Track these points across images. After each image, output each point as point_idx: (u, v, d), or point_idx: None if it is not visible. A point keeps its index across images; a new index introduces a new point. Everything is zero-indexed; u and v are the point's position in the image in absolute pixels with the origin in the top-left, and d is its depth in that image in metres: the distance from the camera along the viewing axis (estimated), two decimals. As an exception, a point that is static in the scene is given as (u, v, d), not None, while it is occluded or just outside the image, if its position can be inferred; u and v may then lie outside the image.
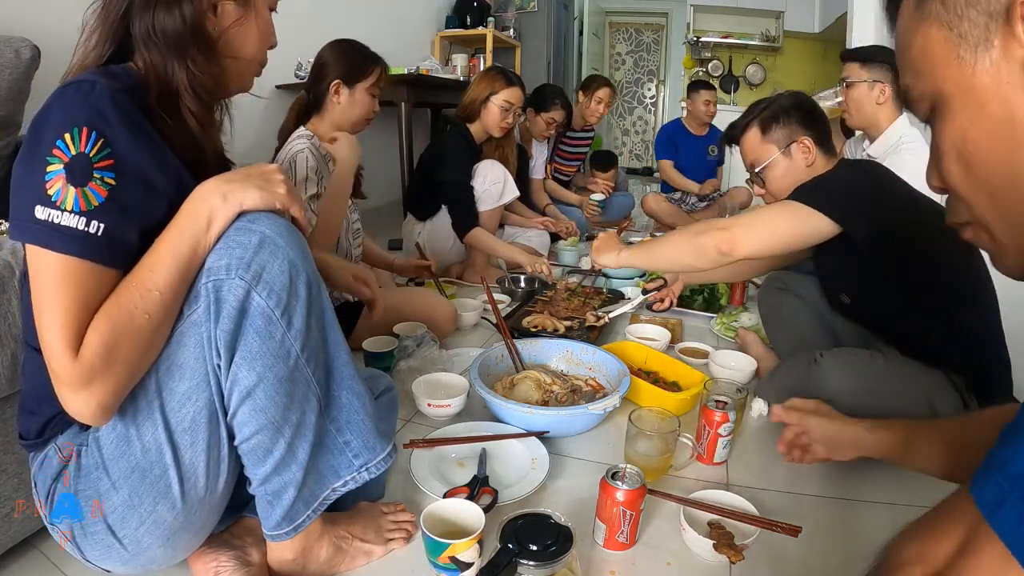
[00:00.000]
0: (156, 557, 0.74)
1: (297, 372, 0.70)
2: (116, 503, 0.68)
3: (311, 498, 0.79)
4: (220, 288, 0.62)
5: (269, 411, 0.68)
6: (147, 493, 0.67)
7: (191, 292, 0.64)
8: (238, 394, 0.67)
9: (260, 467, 0.72)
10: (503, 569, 0.72)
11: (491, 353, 1.42)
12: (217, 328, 0.63)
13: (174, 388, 0.65)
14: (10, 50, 1.10)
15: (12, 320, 0.82)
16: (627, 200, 3.71)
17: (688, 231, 1.25)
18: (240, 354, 0.65)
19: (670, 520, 1.00)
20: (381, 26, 3.21)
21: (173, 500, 0.69)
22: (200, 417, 0.67)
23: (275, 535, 0.78)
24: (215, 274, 0.63)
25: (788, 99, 1.27)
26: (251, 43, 0.77)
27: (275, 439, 0.70)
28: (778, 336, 1.51)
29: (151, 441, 0.66)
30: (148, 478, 0.67)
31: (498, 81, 2.21)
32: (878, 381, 1.10)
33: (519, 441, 1.18)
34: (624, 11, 7.19)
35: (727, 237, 1.14)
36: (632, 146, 7.63)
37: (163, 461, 0.67)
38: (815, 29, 5.06)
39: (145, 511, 0.68)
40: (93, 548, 0.71)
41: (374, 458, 0.82)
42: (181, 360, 0.65)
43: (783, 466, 1.19)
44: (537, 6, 4.45)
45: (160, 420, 0.65)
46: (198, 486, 0.70)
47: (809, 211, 1.10)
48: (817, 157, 1.24)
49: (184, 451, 0.67)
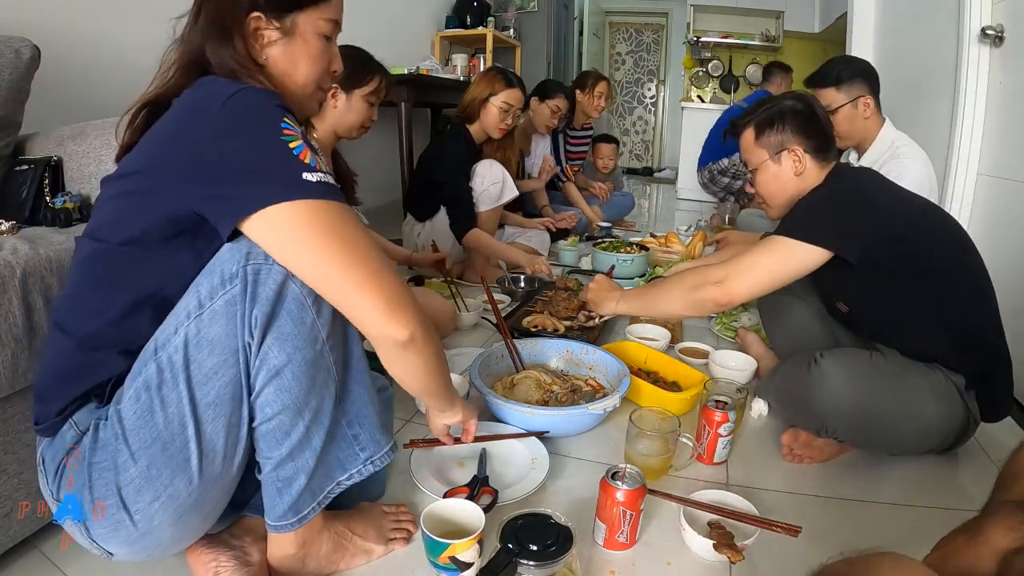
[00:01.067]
0: (163, 538, 0.73)
1: (321, 359, 0.72)
2: (133, 475, 0.68)
3: (317, 490, 0.80)
4: (259, 272, 0.65)
5: (293, 391, 0.70)
6: (166, 466, 0.68)
7: (228, 272, 0.65)
8: (266, 372, 0.68)
9: (276, 449, 0.73)
10: (503, 569, 0.72)
11: (491, 353, 1.42)
12: (254, 308, 0.65)
13: (202, 362, 0.66)
14: (10, 50, 1.10)
15: (13, 320, 0.82)
16: (627, 200, 3.71)
17: (683, 284, 1.25)
18: (272, 335, 0.67)
19: (670, 520, 1.00)
20: (381, 26, 3.21)
21: (190, 475, 0.69)
22: (225, 393, 0.68)
23: (279, 525, 0.79)
24: (255, 259, 0.65)
25: (789, 103, 1.26)
26: (301, 69, 0.79)
27: (295, 421, 0.72)
28: (778, 336, 1.51)
29: (174, 413, 0.66)
30: (168, 450, 0.67)
31: (498, 82, 2.21)
32: (878, 381, 1.10)
33: (519, 441, 1.18)
34: (624, 11, 7.19)
35: (724, 291, 1.17)
36: (632, 146, 7.62)
37: (185, 434, 0.67)
38: (815, 29, 5.06)
39: (161, 484, 0.68)
40: (101, 525, 0.70)
41: (378, 452, 0.84)
42: (212, 335, 0.66)
43: (783, 466, 1.19)
44: (537, 6, 4.45)
45: (185, 392, 0.66)
46: (215, 463, 0.71)
47: (798, 245, 1.10)
48: (808, 167, 1.23)
49: (206, 425, 0.68)
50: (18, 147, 1.19)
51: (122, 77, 1.82)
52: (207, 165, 0.62)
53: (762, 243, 1.17)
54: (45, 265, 0.87)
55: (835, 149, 1.29)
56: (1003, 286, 1.18)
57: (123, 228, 0.67)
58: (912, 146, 1.67)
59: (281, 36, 0.76)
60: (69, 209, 1.05)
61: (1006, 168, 1.84)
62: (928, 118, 2.21)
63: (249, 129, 0.63)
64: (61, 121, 1.21)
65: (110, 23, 1.79)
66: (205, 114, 0.64)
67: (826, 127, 1.26)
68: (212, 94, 0.64)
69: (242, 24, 0.73)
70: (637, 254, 2.38)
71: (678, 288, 1.27)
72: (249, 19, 0.74)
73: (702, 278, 1.21)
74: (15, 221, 1.05)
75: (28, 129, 1.20)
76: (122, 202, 0.69)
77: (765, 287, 1.17)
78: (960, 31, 1.98)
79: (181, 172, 0.64)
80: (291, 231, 0.63)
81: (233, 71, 0.72)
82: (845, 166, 1.33)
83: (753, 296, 1.20)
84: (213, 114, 0.63)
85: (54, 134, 1.16)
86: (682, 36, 6.42)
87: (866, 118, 1.68)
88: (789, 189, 1.25)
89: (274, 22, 0.75)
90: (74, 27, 1.68)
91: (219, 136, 0.62)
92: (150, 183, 0.66)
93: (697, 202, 5.07)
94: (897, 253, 1.10)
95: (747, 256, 1.17)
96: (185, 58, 0.74)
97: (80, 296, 0.70)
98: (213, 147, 0.62)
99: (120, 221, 0.68)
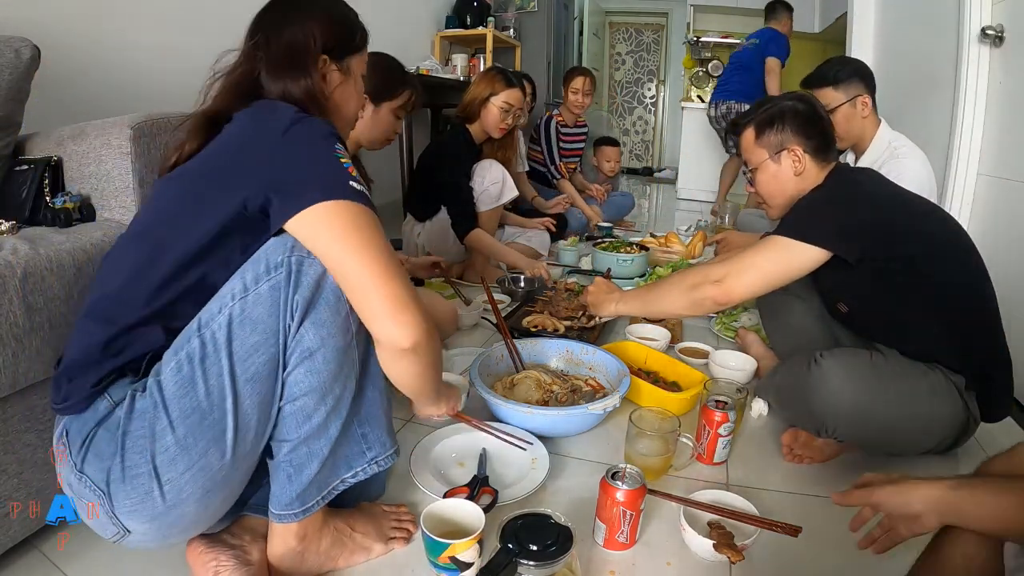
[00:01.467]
0: (184, 516, 0.74)
1: (349, 351, 0.78)
2: (169, 442, 0.70)
3: (323, 484, 0.82)
4: (302, 264, 0.71)
5: (322, 375, 0.75)
6: (202, 435, 0.70)
7: (273, 261, 0.71)
8: (300, 353, 0.73)
9: (295, 431, 0.76)
10: (503, 569, 0.72)
11: (491, 353, 1.42)
12: (296, 294, 0.71)
13: (245, 339, 0.71)
14: (10, 50, 1.10)
15: (13, 320, 0.82)
16: (627, 200, 3.71)
17: (683, 283, 1.26)
18: (310, 319, 0.73)
19: (670, 520, 1.00)
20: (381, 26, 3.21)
21: (224, 448, 0.72)
22: (263, 370, 0.72)
23: (283, 515, 0.80)
24: (299, 252, 0.71)
25: (790, 103, 1.26)
26: (351, 104, 0.94)
27: (317, 406, 0.76)
28: (778, 336, 1.51)
29: (215, 385, 0.70)
30: (207, 420, 0.70)
31: (498, 82, 2.20)
32: (878, 382, 1.10)
33: (519, 441, 1.17)
34: (624, 11, 7.19)
35: (723, 290, 1.17)
36: (632, 146, 7.62)
37: (224, 406, 0.71)
38: (815, 29, 5.06)
39: (196, 454, 0.71)
40: (128, 495, 0.70)
41: (384, 454, 0.88)
42: (256, 315, 0.70)
43: (783, 466, 1.20)
44: (537, 6, 4.45)
45: (227, 366, 0.70)
46: (247, 439, 0.74)
47: (796, 245, 1.11)
48: (808, 167, 1.23)
49: (244, 400, 0.72)
50: (18, 147, 1.18)
51: (122, 77, 1.83)
52: (274, 171, 0.71)
53: (761, 243, 1.17)
54: (45, 265, 0.87)
55: (835, 150, 1.29)
56: (1003, 286, 1.18)
57: (184, 224, 0.73)
58: (910, 146, 1.67)
59: (343, 77, 0.90)
60: (69, 209, 1.05)
61: (1006, 168, 1.84)
62: (928, 118, 2.21)
63: (309, 147, 0.73)
64: (61, 121, 1.20)
65: (110, 23, 1.79)
66: (273, 133, 0.73)
67: (827, 127, 1.26)
68: (279, 117, 0.74)
69: (313, 63, 0.84)
70: (637, 254, 2.38)
71: (677, 287, 1.27)
72: (319, 59, 0.85)
73: (701, 277, 1.21)
74: (15, 221, 1.05)
75: (28, 129, 1.19)
76: (188, 200, 0.75)
77: (764, 286, 1.17)
78: (960, 31, 1.98)
79: (252, 177, 0.72)
80: (330, 224, 0.70)
81: (298, 101, 0.81)
82: (845, 166, 1.33)
83: (752, 295, 1.20)
84: (279, 133, 0.72)
85: (54, 134, 1.15)
86: (682, 36, 6.42)
87: (864, 117, 1.68)
88: (788, 189, 1.25)
89: (337, 64, 0.88)
90: (74, 27, 1.68)
91: (285, 151, 0.72)
92: (222, 186, 0.73)
93: (697, 202, 5.07)
94: (897, 254, 1.10)
95: (746, 255, 1.17)
96: (239, 80, 0.83)
97: (126, 286, 0.74)
98: (280, 158, 0.72)
99: (181, 217, 0.74)
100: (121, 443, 0.70)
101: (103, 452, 0.71)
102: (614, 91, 7.50)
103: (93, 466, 0.71)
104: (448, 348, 1.62)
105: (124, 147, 1.04)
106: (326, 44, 0.86)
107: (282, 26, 0.84)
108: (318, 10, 0.87)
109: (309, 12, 0.86)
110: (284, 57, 0.82)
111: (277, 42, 0.83)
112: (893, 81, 2.45)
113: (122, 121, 1.05)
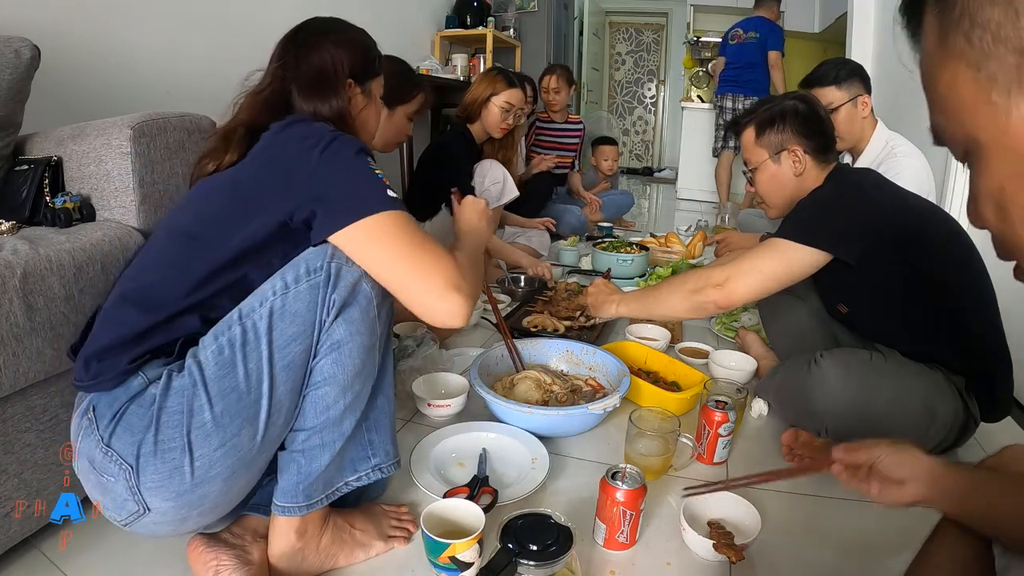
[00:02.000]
0: (208, 495, 0.76)
1: (373, 352, 0.83)
2: (206, 418, 0.73)
3: (329, 483, 0.85)
4: (340, 269, 0.78)
5: (346, 368, 0.79)
6: (238, 415, 0.74)
7: (313, 266, 0.77)
8: (329, 344, 0.78)
9: (314, 419, 0.80)
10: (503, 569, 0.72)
11: (491, 353, 1.42)
12: (333, 293, 0.77)
13: (284, 330, 0.76)
14: (10, 50, 1.10)
15: (13, 320, 0.82)
16: (626, 199, 3.70)
17: (684, 287, 1.25)
18: (343, 316, 0.79)
19: (670, 520, 1.00)
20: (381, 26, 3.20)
21: (256, 429, 0.76)
22: (298, 360, 0.77)
23: (287, 507, 0.82)
24: (338, 259, 0.78)
25: (791, 103, 1.26)
26: (371, 124, 1.04)
27: (337, 398, 0.80)
28: (778, 336, 1.51)
29: (254, 368, 0.75)
30: (244, 401, 0.75)
31: (499, 82, 2.20)
32: (878, 382, 1.10)
33: (519, 441, 1.18)
34: (624, 11, 7.19)
35: (724, 293, 1.17)
36: (632, 146, 7.63)
37: (260, 388, 0.75)
38: (815, 29, 5.06)
39: (230, 433, 0.74)
40: (157, 470, 0.72)
41: (386, 461, 0.90)
42: (295, 309, 0.76)
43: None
44: (537, 6, 4.44)
45: (266, 352, 0.75)
46: (277, 423, 0.78)
47: (797, 248, 1.10)
48: (808, 167, 1.23)
49: (279, 386, 0.76)
50: (18, 147, 1.18)
51: (122, 77, 1.83)
52: (317, 188, 0.78)
53: (762, 245, 1.17)
54: (45, 265, 0.87)
55: (836, 150, 1.29)
56: (1003, 286, 1.17)
57: (230, 228, 0.79)
58: (908, 145, 1.67)
59: (365, 100, 0.99)
60: (69, 209, 1.05)
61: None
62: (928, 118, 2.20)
63: (348, 163, 0.80)
64: (61, 121, 1.20)
65: (110, 23, 1.79)
66: (313, 150, 0.78)
67: (827, 128, 1.26)
68: (318, 135, 0.80)
69: (342, 87, 0.92)
70: (637, 254, 2.38)
71: (679, 290, 1.26)
72: (346, 84, 0.94)
73: (703, 280, 1.21)
74: (15, 221, 1.05)
75: (28, 129, 1.19)
76: (234, 205, 0.80)
77: (766, 289, 1.17)
78: (960, 31, 1.98)
79: (296, 191, 0.78)
80: (369, 236, 0.78)
81: (327, 119, 0.88)
82: (845, 166, 1.33)
83: (754, 298, 1.20)
84: (319, 151, 0.78)
85: (54, 134, 1.15)
86: (682, 36, 6.42)
87: (864, 117, 1.69)
88: (788, 190, 1.25)
89: (360, 88, 0.97)
90: (74, 27, 1.68)
91: (327, 168, 0.78)
92: (268, 198, 0.79)
93: (697, 202, 5.08)
94: (897, 254, 1.10)
95: (747, 258, 1.17)
96: (270, 98, 0.89)
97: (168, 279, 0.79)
98: (321, 174, 0.78)
99: (228, 221, 0.79)
100: (156, 417, 0.73)
101: (135, 426, 0.73)
102: (614, 91, 7.50)
103: (122, 440, 0.73)
104: (448, 348, 1.62)
105: (124, 147, 1.04)
106: (351, 70, 0.94)
107: (310, 52, 0.92)
108: (344, 39, 0.95)
109: (336, 41, 0.94)
110: (314, 81, 0.90)
111: (307, 66, 0.91)
112: (893, 81, 2.45)
113: (122, 121, 1.05)
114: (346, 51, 0.94)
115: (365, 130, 1.01)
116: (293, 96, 0.89)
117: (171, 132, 1.09)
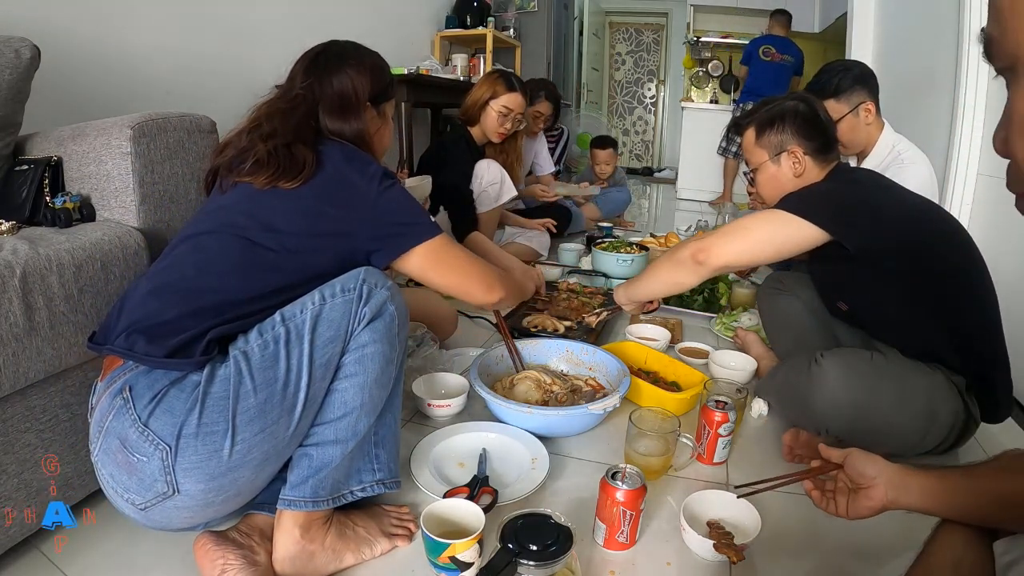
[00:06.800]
0: (238, 480, 0.80)
1: (392, 364, 0.90)
2: (251, 404, 0.78)
3: (336, 486, 0.88)
4: (372, 290, 0.87)
5: (368, 370, 0.86)
6: (278, 404, 0.80)
7: (348, 286, 0.86)
8: (355, 346, 0.86)
9: (332, 412, 0.86)
10: (503, 569, 0.72)
11: (491, 353, 1.42)
12: (363, 307, 0.86)
13: (322, 333, 0.84)
14: (10, 50, 1.10)
15: (13, 320, 0.82)
16: (622, 195, 3.68)
17: (669, 251, 1.28)
18: (370, 327, 0.87)
19: (670, 520, 1.00)
20: (381, 26, 3.21)
21: (292, 420, 0.82)
22: (333, 360, 0.85)
23: (293, 500, 0.84)
24: (370, 281, 0.87)
25: (791, 104, 1.26)
26: (386, 141, 1.13)
27: (356, 397, 0.86)
28: (778, 336, 1.51)
29: (295, 363, 0.81)
30: (284, 392, 0.81)
31: (499, 85, 2.19)
32: (878, 382, 1.10)
33: (519, 441, 1.18)
34: (624, 11, 7.19)
35: (701, 246, 1.16)
36: (632, 146, 7.62)
37: (299, 383, 0.81)
38: (815, 29, 5.06)
39: (270, 420, 0.80)
40: (197, 451, 0.76)
41: (389, 478, 0.94)
42: (332, 317, 0.84)
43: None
44: (537, 6, 4.44)
45: (307, 351, 0.82)
46: (309, 417, 0.84)
47: (793, 219, 1.09)
48: (808, 168, 1.23)
49: (316, 383, 0.83)
50: (18, 147, 1.18)
51: (122, 77, 1.83)
52: (378, 225, 0.93)
53: (758, 212, 1.17)
54: (45, 265, 0.87)
55: (836, 150, 1.29)
56: (1003, 286, 1.17)
57: (311, 255, 0.90)
58: (913, 150, 1.65)
59: (381, 121, 1.08)
60: (69, 209, 1.04)
61: (1006, 168, 1.84)
62: (928, 118, 2.20)
63: (399, 199, 0.96)
64: (61, 121, 1.20)
65: (110, 23, 1.79)
66: (371, 186, 0.92)
67: (828, 128, 1.26)
68: (370, 170, 0.94)
69: (362, 109, 1.02)
70: (637, 254, 2.38)
71: (665, 255, 1.30)
72: (365, 106, 1.02)
73: (688, 241, 1.22)
74: (15, 221, 1.05)
75: (28, 129, 1.19)
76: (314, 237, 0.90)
77: (745, 253, 1.16)
78: (960, 31, 1.98)
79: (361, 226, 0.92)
80: (423, 260, 0.98)
81: (350, 140, 0.99)
82: (845, 165, 1.33)
83: (731, 260, 1.16)
84: (376, 186, 0.93)
85: (54, 134, 1.15)
86: (682, 36, 6.42)
87: (868, 124, 1.66)
88: (788, 191, 1.25)
89: (376, 110, 1.06)
90: (74, 27, 1.68)
91: (385, 205, 0.93)
92: (335, 230, 0.91)
93: (697, 202, 5.07)
94: (897, 252, 1.10)
95: (739, 222, 1.17)
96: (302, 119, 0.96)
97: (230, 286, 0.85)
98: (381, 210, 0.93)
99: (309, 250, 0.89)
100: (201, 401, 0.76)
101: (175, 409, 0.76)
102: (614, 91, 7.50)
103: (161, 420, 0.76)
104: (448, 348, 1.62)
105: (124, 147, 1.04)
106: (370, 93, 1.03)
107: (332, 76, 1.00)
108: (363, 65, 1.03)
109: (355, 66, 1.02)
110: (338, 105, 0.99)
111: (331, 90, 1.00)
112: (893, 81, 2.44)
113: (122, 121, 1.05)
114: (366, 77, 1.02)
115: (381, 148, 1.11)
116: (320, 117, 0.98)
117: (171, 132, 1.09)
